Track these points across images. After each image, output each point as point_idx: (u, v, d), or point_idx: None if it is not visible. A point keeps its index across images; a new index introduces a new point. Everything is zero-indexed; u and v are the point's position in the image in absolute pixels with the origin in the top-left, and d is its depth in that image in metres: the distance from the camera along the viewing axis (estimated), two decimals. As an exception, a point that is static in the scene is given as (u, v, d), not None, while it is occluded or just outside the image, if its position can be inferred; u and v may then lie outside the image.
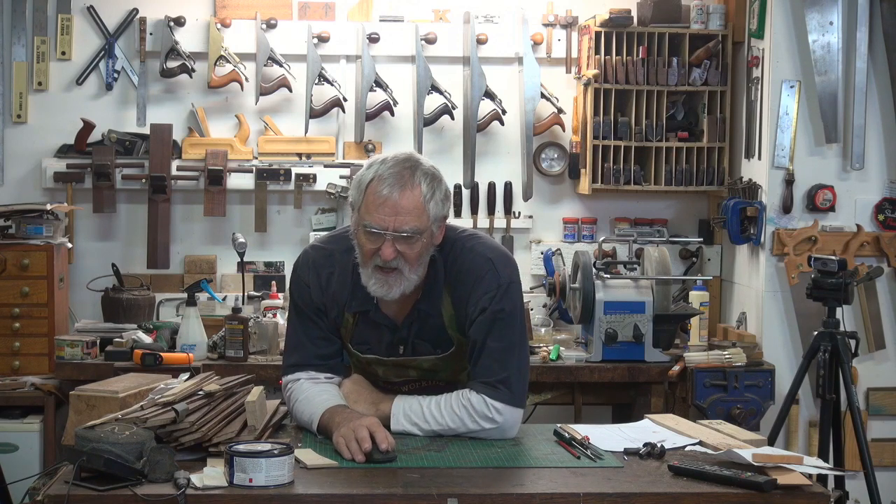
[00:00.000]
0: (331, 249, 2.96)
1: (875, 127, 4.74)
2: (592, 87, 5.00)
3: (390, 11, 5.18)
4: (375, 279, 2.81)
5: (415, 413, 2.87)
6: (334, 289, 2.92)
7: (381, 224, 2.76)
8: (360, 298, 2.90)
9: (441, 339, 2.92)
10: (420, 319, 2.91)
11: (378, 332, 2.95)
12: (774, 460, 2.58)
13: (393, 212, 2.76)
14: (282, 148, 5.13)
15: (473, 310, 2.86)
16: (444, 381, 3.00)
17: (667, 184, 5.06)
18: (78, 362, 4.38)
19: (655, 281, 4.51)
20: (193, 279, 4.86)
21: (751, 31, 4.86)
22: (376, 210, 2.76)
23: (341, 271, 2.92)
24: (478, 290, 2.86)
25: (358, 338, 2.97)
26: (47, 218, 4.73)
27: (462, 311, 2.88)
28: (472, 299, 2.86)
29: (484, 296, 2.85)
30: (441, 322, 2.91)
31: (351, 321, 2.95)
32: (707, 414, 4.34)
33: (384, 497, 2.42)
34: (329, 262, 2.94)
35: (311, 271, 2.95)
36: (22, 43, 5.07)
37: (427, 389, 2.99)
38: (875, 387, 4.77)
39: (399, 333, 2.93)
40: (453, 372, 2.99)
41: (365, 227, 2.78)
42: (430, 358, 2.95)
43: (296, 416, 2.94)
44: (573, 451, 2.74)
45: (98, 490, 2.38)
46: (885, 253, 4.71)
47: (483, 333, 2.86)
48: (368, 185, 2.79)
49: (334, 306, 2.93)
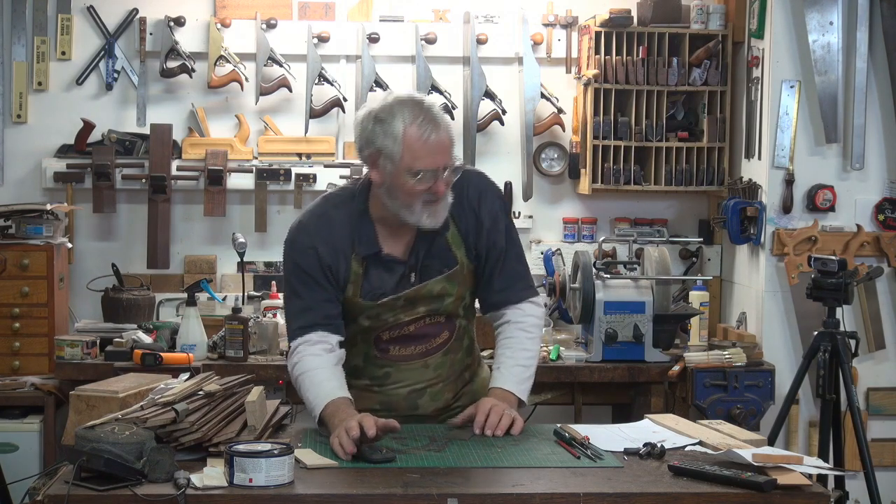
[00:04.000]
0: (321, 212, 3.05)
1: (875, 127, 4.74)
2: (592, 87, 5.00)
3: (390, 11, 5.18)
4: (427, 213, 2.93)
5: (519, 375, 3.06)
6: (337, 239, 3.00)
7: (434, 166, 2.89)
8: (365, 243, 2.99)
9: (447, 257, 3.04)
10: (426, 240, 3.01)
11: (388, 271, 3.01)
12: (774, 460, 2.58)
13: (441, 151, 2.90)
14: (282, 148, 5.13)
15: (487, 219, 3.05)
16: (445, 314, 3.06)
17: (667, 184, 5.06)
18: (78, 362, 4.38)
19: (655, 281, 4.51)
20: (193, 279, 4.86)
21: (751, 31, 4.86)
22: (427, 155, 2.88)
23: (340, 224, 3.01)
24: (486, 201, 3.06)
25: (368, 286, 3.01)
26: (47, 218, 4.73)
27: (466, 226, 3.04)
28: (482, 210, 3.05)
29: (493, 205, 3.08)
30: (445, 240, 3.03)
31: (360, 271, 3.00)
32: (707, 414, 4.34)
33: (384, 497, 2.42)
34: (325, 221, 3.02)
35: (312, 234, 3.01)
36: (22, 43, 5.07)
37: (429, 329, 3.05)
38: (875, 387, 4.78)
39: (408, 263, 3.01)
40: (455, 299, 3.06)
41: (417, 172, 2.87)
42: (439, 279, 3.02)
43: (300, 391, 2.99)
44: (573, 451, 2.74)
45: (98, 490, 2.39)
46: (885, 253, 4.71)
47: (503, 239, 3.08)
48: (404, 133, 2.87)
49: (342, 260, 2.99)
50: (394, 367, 3.08)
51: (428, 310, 3.05)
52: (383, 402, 3.08)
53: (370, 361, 3.09)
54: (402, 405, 3.08)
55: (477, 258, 3.08)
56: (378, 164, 2.91)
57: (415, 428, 2.97)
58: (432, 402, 3.10)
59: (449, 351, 3.10)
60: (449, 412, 3.11)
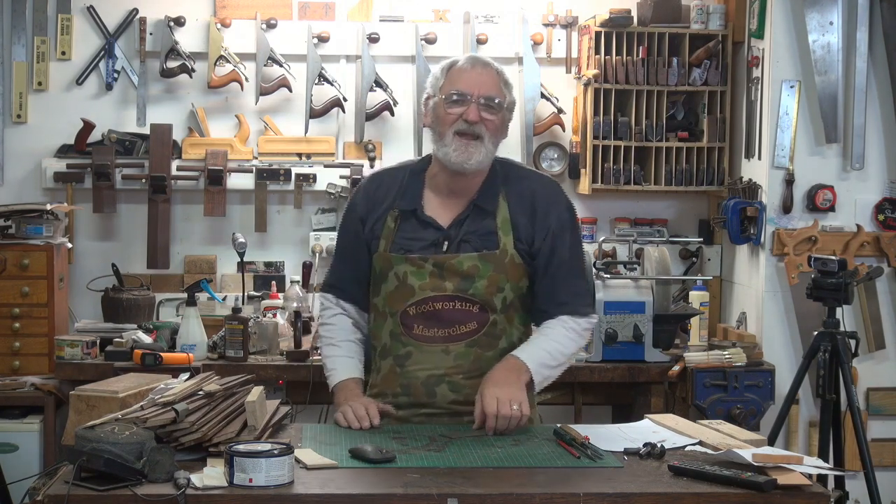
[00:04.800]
0: (380, 171, 3.29)
1: (875, 127, 4.74)
2: (592, 87, 5.00)
3: (390, 11, 5.19)
4: (456, 145, 2.98)
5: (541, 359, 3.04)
6: (381, 194, 3.10)
7: (468, 88, 2.99)
8: (408, 198, 3.07)
9: (489, 240, 3.04)
10: (474, 216, 3.04)
11: (422, 234, 3.05)
12: (774, 460, 2.58)
13: (478, 79, 3.01)
14: (282, 148, 5.14)
15: (556, 224, 3.06)
16: (478, 299, 3.02)
17: (667, 184, 5.06)
18: (78, 362, 4.38)
19: (655, 281, 4.51)
20: (193, 279, 4.85)
21: (751, 31, 4.86)
22: (461, 80, 3.01)
23: (390, 181, 3.12)
24: (558, 206, 3.08)
25: (399, 241, 3.05)
26: (47, 218, 4.72)
27: (521, 218, 3.04)
28: (552, 214, 3.06)
29: (563, 214, 3.09)
30: (494, 223, 3.04)
31: (393, 225, 3.05)
32: (707, 414, 4.34)
33: (384, 497, 2.42)
34: (377, 178, 3.19)
35: (361, 190, 3.17)
36: (22, 43, 5.07)
37: (457, 315, 3.02)
38: (875, 387, 4.78)
39: (445, 233, 3.04)
40: (489, 285, 3.02)
41: (451, 94, 2.99)
42: (471, 255, 3.02)
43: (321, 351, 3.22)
44: (573, 451, 2.74)
45: (98, 490, 2.38)
46: (885, 253, 4.71)
47: (567, 251, 3.07)
48: (450, 69, 3.05)
49: (377, 211, 3.08)
50: (415, 347, 3.05)
51: (456, 288, 3.01)
52: (404, 386, 3.05)
53: (395, 338, 3.07)
54: (419, 391, 3.04)
55: (531, 257, 3.06)
56: (428, 104, 3.08)
57: (415, 428, 2.97)
58: (451, 394, 3.03)
59: (475, 343, 3.04)
60: (467, 407, 3.00)
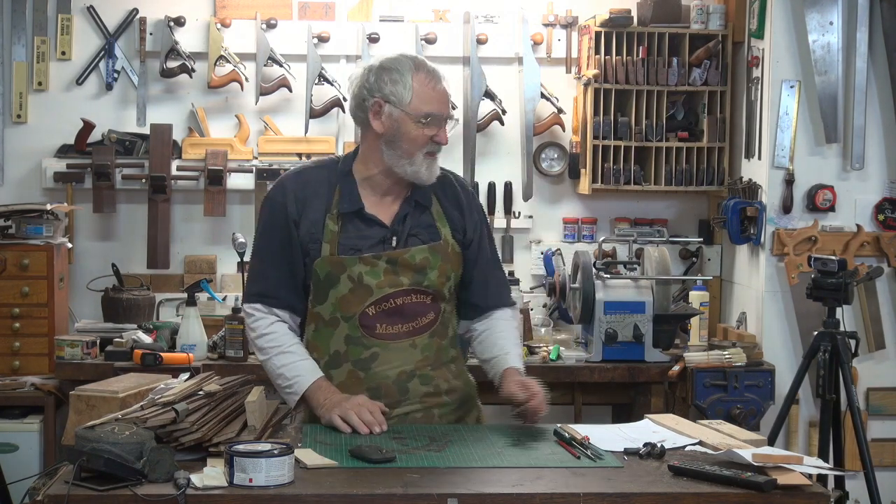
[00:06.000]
0: (300, 169, 3.14)
1: (875, 127, 4.74)
2: (592, 87, 5.00)
3: (390, 11, 5.19)
4: (426, 164, 3.01)
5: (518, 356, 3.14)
6: (310, 194, 3.04)
7: (440, 110, 3.00)
8: (347, 200, 3.03)
9: (431, 231, 3.07)
10: (413, 212, 3.06)
11: (368, 231, 3.03)
12: (774, 460, 2.58)
13: (443, 97, 3.03)
14: (282, 148, 5.13)
15: (477, 216, 3.15)
16: (431, 290, 3.05)
17: (667, 184, 5.06)
18: (78, 362, 4.38)
19: (655, 281, 4.51)
20: (193, 279, 4.85)
21: (751, 31, 4.86)
22: (434, 100, 2.99)
23: (316, 182, 3.06)
24: (474, 200, 3.18)
25: (346, 242, 3.02)
26: (47, 218, 4.73)
27: (451, 210, 3.10)
28: (473, 206, 3.16)
29: (479, 208, 3.20)
30: (431, 216, 3.08)
31: (335, 228, 3.01)
32: (707, 414, 4.34)
33: (384, 497, 2.42)
34: (301, 178, 3.08)
35: (285, 189, 3.06)
36: (22, 43, 5.07)
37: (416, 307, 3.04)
38: (875, 387, 4.78)
39: (391, 229, 3.05)
40: (440, 274, 3.05)
41: (425, 116, 2.97)
42: (422, 248, 3.04)
43: (268, 365, 3.06)
44: (573, 451, 2.74)
45: (98, 490, 2.38)
46: (885, 253, 4.71)
47: (487, 244, 3.17)
48: (413, 79, 2.98)
49: (312, 214, 3.02)
50: (381, 346, 3.03)
51: (412, 282, 3.02)
52: (371, 389, 3.01)
53: (354, 343, 3.02)
54: (391, 390, 3.02)
55: (465, 247, 3.12)
56: (382, 112, 2.99)
57: (415, 428, 2.97)
58: (422, 387, 3.04)
59: (435, 334, 3.08)
60: (438, 398, 3.06)
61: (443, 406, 3.08)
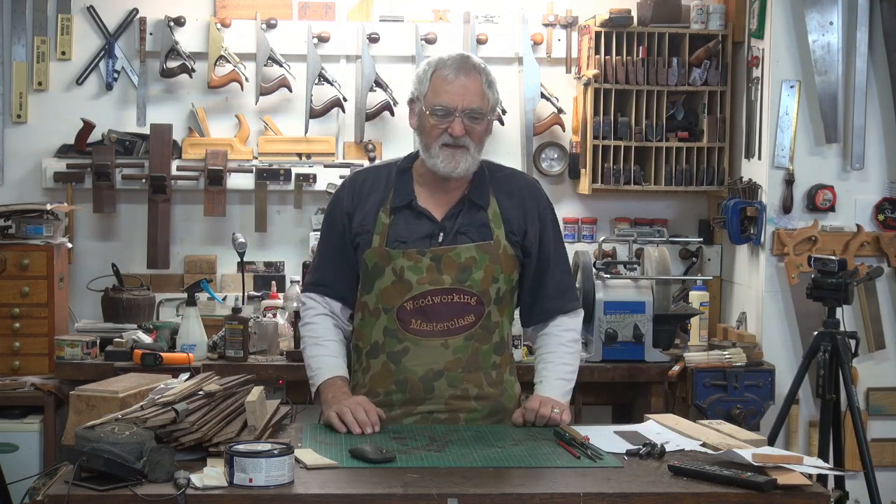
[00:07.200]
0: (363, 168, 3.33)
1: (875, 127, 4.74)
2: (592, 87, 5.00)
3: (390, 11, 5.19)
4: (443, 156, 3.02)
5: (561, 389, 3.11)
6: (367, 189, 3.12)
7: (451, 103, 3.01)
8: (400, 193, 3.10)
9: (483, 232, 3.08)
10: (467, 210, 3.09)
11: (417, 225, 3.07)
12: (774, 460, 2.58)
13: (461, 91, 3.02)
14: (282, 148, 5.14)
15: (547, 217, 3.16)
16: (475, 291, 3.04)
17: (667, 184, 5.06)
18: (78, 362, 4.38)
19: (655, 281, 4.51)
20: (193, 279, 4.85)
21: (751, 31, 4.86)
22: (445, 92, 3.02)
23: (375, 178, 3.14)
24: (543, 203, 3.17)
25: (394, 235, 3.06)
26: (47, 218, 4.72)
27: (511, 213, 3.11)
28: (542, 208, 3.16)
29: (548, 211, 3.18)
30: (486, 216, 3.09)
31: (387, 220, 3.06)
32: (707, 414, 4.34)
33: (384, 497, 2.42)
34: (362, 175, 3.20)
35: (345, 185, 3.19)
36: (22, 43, 5.07)
37: (455, 308, 3.04)
38: (875, 387, 4.78)
39: (440, 224, 3.07)
40: (486, 275, 3.05)
41: (435, 107, 3.02)
42: (470, 246, 3.05)
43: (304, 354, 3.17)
44: (573, 451, 2.74)
45: (98, 490, 2.38)
46: (885, 253, 4.71)
47: (551, 245, 3.15)
48: (433, 74, 3.05)
49: (367, 207, 3.09)
50: (413, 342, 3.04)
51: (454, 280, 3.03)
52: (399, 383, 3.04)
53: (391, 335, 3.05)
54: (416, 387, 3.03)
55: (523, 249, 3.11)
56: (413, 109, 3.11)
57: (415, 428, 2.97)
58: (449, 388, 3.04)
59: (473, 337, 3.05)
60: (466, 402, 3.05)
61: (471, 412, 3.06)
